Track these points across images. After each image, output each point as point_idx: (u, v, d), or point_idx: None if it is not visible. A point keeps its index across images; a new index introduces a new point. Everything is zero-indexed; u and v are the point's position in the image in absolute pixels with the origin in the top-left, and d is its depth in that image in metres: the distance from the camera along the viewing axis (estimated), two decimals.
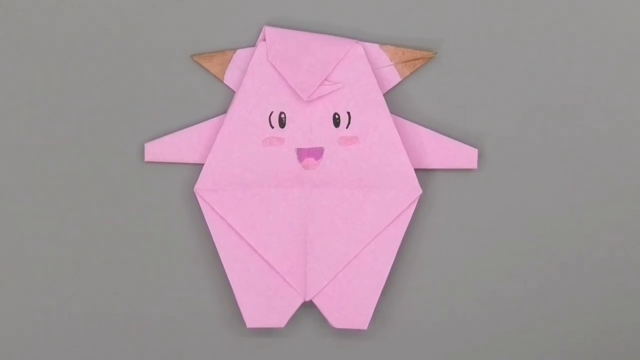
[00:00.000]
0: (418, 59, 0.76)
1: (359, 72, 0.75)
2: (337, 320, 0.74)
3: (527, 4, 0.78)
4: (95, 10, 0.79)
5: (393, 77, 0.76)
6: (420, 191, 0.73)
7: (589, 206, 0.78)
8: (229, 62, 0.76)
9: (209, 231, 0.75)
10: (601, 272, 0.79)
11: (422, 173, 0.75)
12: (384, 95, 0.75)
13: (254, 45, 0.76)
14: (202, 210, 0.75)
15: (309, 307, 0.75)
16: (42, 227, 0.79)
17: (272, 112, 0.75)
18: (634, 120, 0.79)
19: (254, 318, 0.74)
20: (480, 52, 0.77)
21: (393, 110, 0.75)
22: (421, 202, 0.75)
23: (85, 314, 0.79)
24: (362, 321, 0.74)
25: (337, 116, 0.75)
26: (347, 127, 0.75)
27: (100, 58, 0.78)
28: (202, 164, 0.75)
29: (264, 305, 0.75)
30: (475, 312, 0.78)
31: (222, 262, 0.75)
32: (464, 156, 0.76)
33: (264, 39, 0.75)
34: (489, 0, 0.78)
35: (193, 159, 0.76)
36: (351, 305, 0.75)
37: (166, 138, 0.76)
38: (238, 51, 0.76)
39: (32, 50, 0.79)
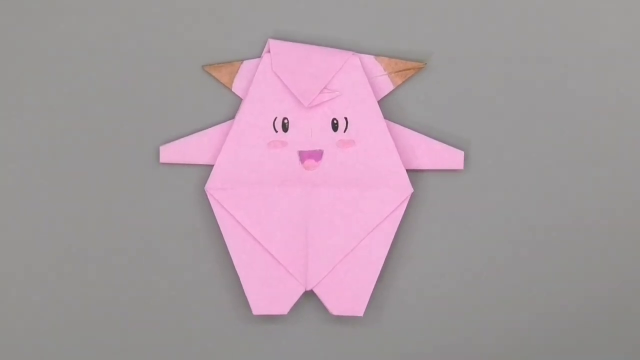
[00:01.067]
0: (409, 69, 0.78)
1: (356, 81, 0.78)
2: (335, 307, 0.77)
3: (507, 20, 0.81)
4: (116, 25, 0.81)
5: (386, 85, 0.79)
6: (412, 190, 0.76)
7: (566, 203, 0.81)
8: (237, 72, 0.79)
9: (219, 226, 0.77)
10: (578, 262, 0.81)
11: (413, 173, 0.78)
12: (378, 102, 0.78)
13: (259, 56, 0.79)
14: (212, 207, 0.77)
15: (309, 295, 0.78)
16: (67, 222, 0.81)
17: (276, 118, 0.78)
18: (611, 123, 0.81)
19: (259, 306, 0.77)
20: (465, 63, 0.80)
21: (386, 116, 0.78)
22: (412, 200, 0.77)
23: (106, 300, 0.81)
24: (358, 309, 0.77)
25: (335, 121, 0.77)
26: (344, 131, 0.77)
27: (120, 68, 0.80)
28: (212, 165, 0.78)
29: (268, 294, 0.77)
30: (462, 300, 0.81)
31: (231, 254, 0.77)
32: (451, 158, 0.79)
33: (269, 51, 0.78)
34: (474, 16, 0.80)
35: (204, 160, 0.79)
36: (348, 294, 0.77)
37: (179, 141, 0.79)
38: (245, 62, 0.79)
39: (58, 61, 0.81)
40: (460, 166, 0.79)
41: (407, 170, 0.77)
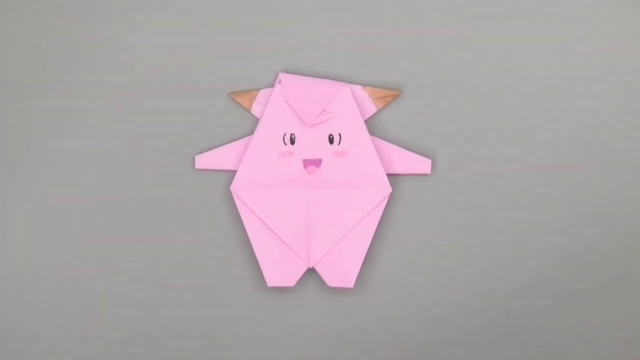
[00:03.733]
0: (388, 96, 0.84)
1: (347, 105, 0.83)
2: (331, 280, 0.83)
3: (464, 58, 0.85)
4: (162, 62, 0.86)
5: (371, 108, 0.84)
6: (390, 189, 0.82)
7: (510, 200, 0.85)
8: (255, 98, 0.84)
9: (241, 218, 0.84)
10: (522, 249, 0.85)
11: (391, 177, 0.84)
12: (365, 121, 0.84)
13: (272, 86, 0.85)
14: (236, 203, 0.83)
15: (311, 271, 0.84)
16: (123, 214, 0.86)
17: (285, 133, 0.83)
18: (552, 140, 0.85)
19: (272, 279, 0.83)
20: (432, 91, 0.85)
21: (371, 132, 0.84)
22: (391, 197, 0.83)
23: (148, 276, 0.86)
24: (349, 281, 0.83)
25: (331, 136, 0.83)
26: (338, 144, 0.83)
27: (165, 95, 0.86)
28: (236, 170, 0.84)
29: (279, 270, 0.83)
30: (430, 275, 0.86)
31: (250, 239, 0.83)
32: (421, 165, 0.84)
33: (280, 82, 0.84)
34: (437, 56, 0.85)
35: (229, 166, 0.84)
36: (341, 270, 0.83)
37: (210, 152, 0.85)
38: (261, 90, 0.85)
39: (120, 90, 0.86)
40: (428, 171, 0.84)
41: (387, 174, 0.83)
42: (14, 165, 0.86)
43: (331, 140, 0.83)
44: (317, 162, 0.83)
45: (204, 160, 0.85)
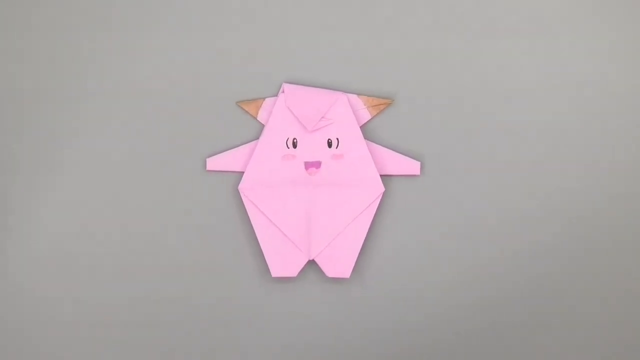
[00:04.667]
0: (381, 104, 0.85)
1: (344, 112, 0.84)
2: (329, 271, 0.83)
3: (451, 69, 0.85)
4: (178, 74, 0.86)
5: (365, 115, 0.85)
6: (383, 189, 0.83)
7: (493, 199, 0.86)
8: (261, 106, 0.85)
9: (248, 214, 0.84)
10: (507, 244, 0.86)
11: (384, 177, 0.84)
12: (360, 127, 0.84)
13: (276, 95, 0.85)
14: (243, 201, 0.84)
15: (311, 263, 0.85)
16: (138, 215, 0.86)
17: (288, 138, 0.84)
18: (529, 145, 0.86)
19: (276, 270, 0.83)
20: (421, 100, 0.86)
21: (366, 137, 0.85)
22: (384, 196, 0.84)
23: (164, 266, 0.86)
24: (345, 272, 0.83)
25: (330, 140, 0.84)
26: (336, 148, 0.84)
27: (180, 103, 0.86)
28: (243, 172, 0.84)
29: (282, 261, 0.83)
30: (419, 267, 0.86)
31: (256, 234, 0.84)
32: (411, 166, 0.84)
33: (283, 92, 0.84)
34: (425, 68, 0.86)
35: (238, 168, 0.85)
36: (339, 262, 0.83)
37: (220, 154, 0.85)
38: (266, 99, 0.85)
39: (139, 99, 0.87)
40: (417, 172, 0.84)
41: (380, 175, 0.84)
42: (38, 167, 0.87)
43: (330, 144, 0.84)
44: (317, 164, 0.84)
45: (214, 163, 0.85)
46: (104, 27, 0.87)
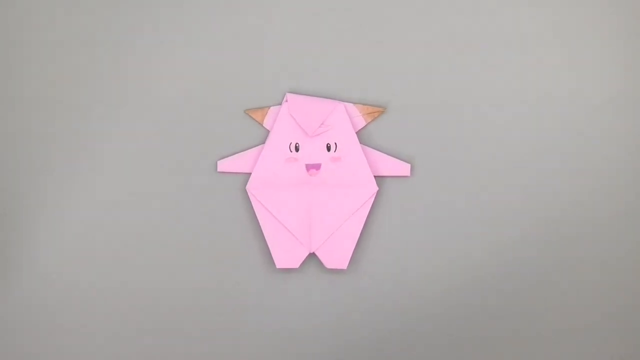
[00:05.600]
0: (375, 112, 0.87)
1: (341, 119, 0.87)
2: (328, 262, 0.86)
3: (439, 78, 0.87)
4: (192, 84, 0.88)
5: (361, 122, 0.87)
6: (377, 188, 0.86)
7: (474, 197, 0.88)
8: (266, 114, 0.88)
9: (254, 212, 0.87)
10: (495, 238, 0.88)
11: (378, 178, 0.87)
12: (356, 133, 0.87)
13: (280, 104, 0.88)
14: (250, 200, 0.87)
15: (312, 255, 0.88)
16: (156, 213, 0.89)
17: (291, 143, 0.87)
18: (509, 150, 0.88)
19: (280, 261, 0.86)
20: (411, 108, 0.88)
21: (361, 141, 0.88)
22: (377, 195, 0.87)
23: (179, 259, 0.88)
24: (343, 263, 0.86)
25: (328, 145, 0.87)
26: (334, 151, 0.86)
27: (194, 110, 0.89)
28: (251, 173, 0.87)
29: (286, 254, 0.86)
30: (409, 259, 0.88)
31: (262, 229, 0.87)
32: (402, 168, 0.87)
33: (287, 101, 0.87)
34: (416, 79, 0.87)
35: (246, 170, 0.87)
36: (337, 254, 0.86)
37: (230, 157, 0.88)
38: (271, 107, 0.88)
39: (154, 108, 0.89)
40: (408, 174, 0.87)
41: (374, 176, 0.86)
42: (69, 169, 0.90)
43: (328, 148, 0.87)
44: (317, 166, 0.87)
45: (225, 165, 0.88)
46: (130, 45, 0.89)
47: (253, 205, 0.87)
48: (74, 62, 0.89)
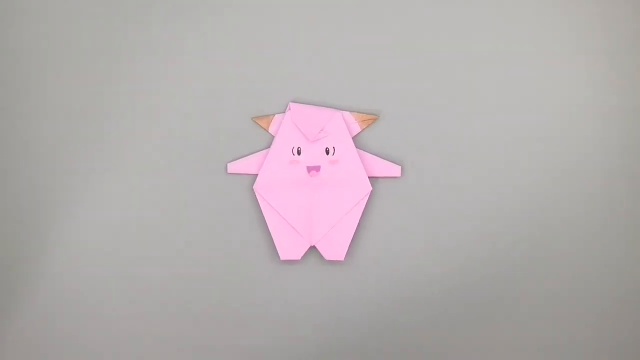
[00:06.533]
0: (369, 119, 0.92)
1: (339, 126, 0.92)
2: (327, 255, 0.91)
3: (427, 89, 0.91)
4: (204, 92, 0.92)
5: (356, 128, 0.92)
6: (371, 188, 0.91)
7: (460, 196, 0.92)
8: (271, 121, 0.93)
9: (261, 209, 0.92)
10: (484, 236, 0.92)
11: (371, 179, 0.92)
12: (352, 138, 0.92)
13: (284, 112, 0.93)
14: (257, 199, 0.92)
15: (313, 248, 0.93)
16: (171, 212, 0.93)
17: (293, 147, 0.92)
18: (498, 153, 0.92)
19: (284, 253, 0.92)
20: (402, 115, 0.93)
21: (357, 146, 0.93)
22: (371, 194, 0.92)
23: (192, 251, 0.92)
24: (340, 255, 0.91)
25: (327, 149, 0.92)
26: (333, 155, 0.92)
27: (206, 117, 0.93)
28: (257, 174, 0.92)
29: (289, 247, 0.91)
30: (402, 251, 0.92)
31: (267, 224, 0.92)
32: (394, 170, 0.92)
33: (290, 109, 0.93)
34: (406, 89, 0.91)
35: (253, 171, 0.92)
36: (335, 247, 0.91)
37: (239, 160, 0.93)
38: (276, 115, 0.93)
39: (170, 114, 0.93)
40: (399, 175, 0.92)
41: (368, 177, 0.92)
42: (95, 170, 0.94)
43: (327, 152, 0.92)
44: (317, 168, 0.92)
45: (234, 167, 0.93)
46: (150, 57, 0.93)
47: (259, 203, 0.92)
48: (90, 70, 0.93)
